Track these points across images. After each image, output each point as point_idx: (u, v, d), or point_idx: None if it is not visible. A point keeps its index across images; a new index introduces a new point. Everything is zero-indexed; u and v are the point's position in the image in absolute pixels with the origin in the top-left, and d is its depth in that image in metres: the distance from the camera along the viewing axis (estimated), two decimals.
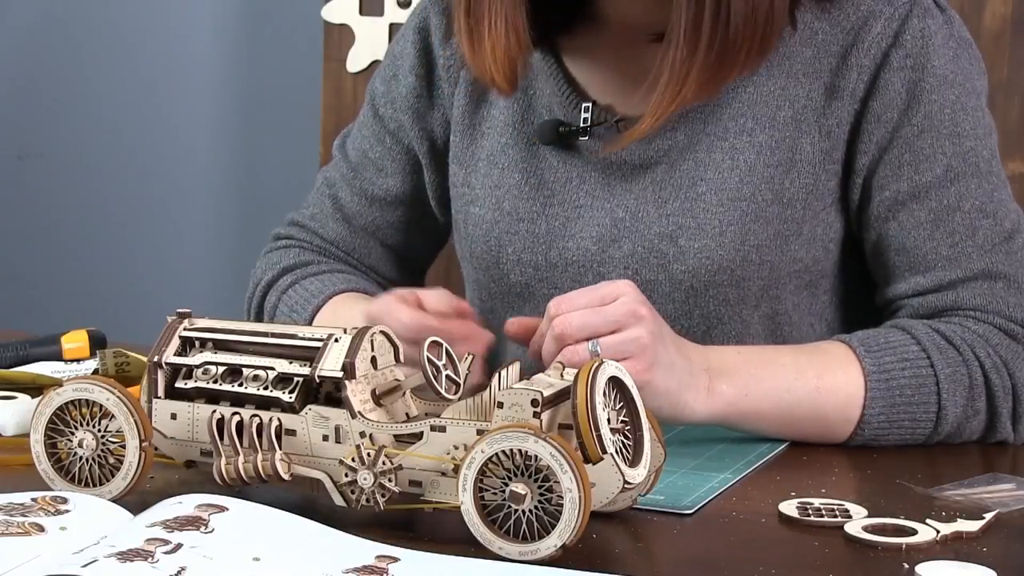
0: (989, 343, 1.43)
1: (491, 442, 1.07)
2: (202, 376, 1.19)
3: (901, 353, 1.42)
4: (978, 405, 1.42)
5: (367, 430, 1.14)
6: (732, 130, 1.50)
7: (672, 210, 1.50)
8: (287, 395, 1.16)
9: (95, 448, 1.18)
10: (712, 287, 1.50)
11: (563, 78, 1.57)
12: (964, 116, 1.49)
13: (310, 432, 1.15)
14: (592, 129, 1.54)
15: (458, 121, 1.62)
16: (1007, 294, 1.46)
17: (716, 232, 1.49)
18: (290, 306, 1.64)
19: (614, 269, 1.52)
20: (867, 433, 1.41)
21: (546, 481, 1.07)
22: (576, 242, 1.54)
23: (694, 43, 1.43)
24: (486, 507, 1.09)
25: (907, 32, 1.48)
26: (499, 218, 1.57)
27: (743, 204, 1.49)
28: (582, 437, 1.08)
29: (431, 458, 1.12)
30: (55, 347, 1.63)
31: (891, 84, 1.48)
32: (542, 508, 1.07)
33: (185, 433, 1.19)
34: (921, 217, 1.48)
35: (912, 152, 1.48)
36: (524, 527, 1.07)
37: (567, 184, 1.55)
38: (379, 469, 1.12)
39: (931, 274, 1.47)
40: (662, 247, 1.50)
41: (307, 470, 1.15)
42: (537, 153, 1.57)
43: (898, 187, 1.48)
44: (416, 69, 1.65)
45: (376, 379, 1.18)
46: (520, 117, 1.59)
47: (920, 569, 1.07)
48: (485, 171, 1.59)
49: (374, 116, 1.69)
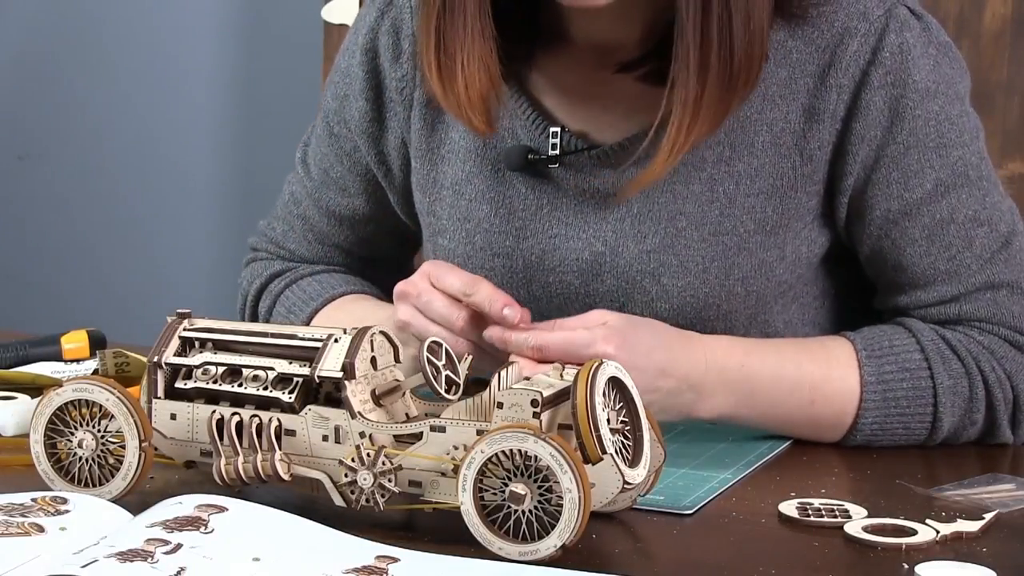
0: (994, 355, 1.43)
1: (491, 442, 1.07)
2: (202, 376, 1.19)
3: (902, 362, 1.41)
4: (976, 417, 1.42)
5: (367, 430, 1.14)
6: (709, 159, 1.46)
7: (652, 246, 1.47)
8: (287, 395, 1.16)
9: (95, 448, 1.18)
10: (698, 323, 1.47)
11: (527, 102, 1.51)
12: (949, 126, 1.45)
13: (310, 432, 1.15)
14: (563, 157, 1.49)
15: (416, 146, 1.57)
16: (1010, 302, 1.45)
17: (699, 269, 1.46)
18: (287, 307, 1.63)
19: (600, 301, 1.49)
20: (858, 438, 1.41)
21: (546, 481, 1.07)
22: (557, 276, 1.50)
23: (703, 80, 1.39)
24: (486, 507, 1.09)
25: (885, 49, 1.43)
26: (472, 253, 1.53)
27: (725, 238, 1.46)
28: (582, 437, 1.08)
29: (431, 458, 1.12)
30: (55, 347, 1.63)
31: (873, 103, 1.44)
32: (542, 508, 1.07)
33: (185, 433, 1.19)
34: (915, 234, 1.45)
35: (900, 170, 1.45)
36: (524, 527, 1.07)
37: (538, 212, 1.51)
38: (379, 469, 1.12)
39: (932, 288, 1.46)
40: (644, 284, 1.47)
41: (307, 470, 1.15)
42: (504, 180, 1.52)
43: (888, 206, 1.45)
44: (366, 92, 1.58)
45: (376, 379, 1.17)
46: (482, 143, 1.52)
47: (920, 569, 1.07)
48: (451, 201, 1.54)
49: (329, 134, 1.63)
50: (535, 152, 1.50)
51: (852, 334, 1.44)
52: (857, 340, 1.42)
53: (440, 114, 1.54)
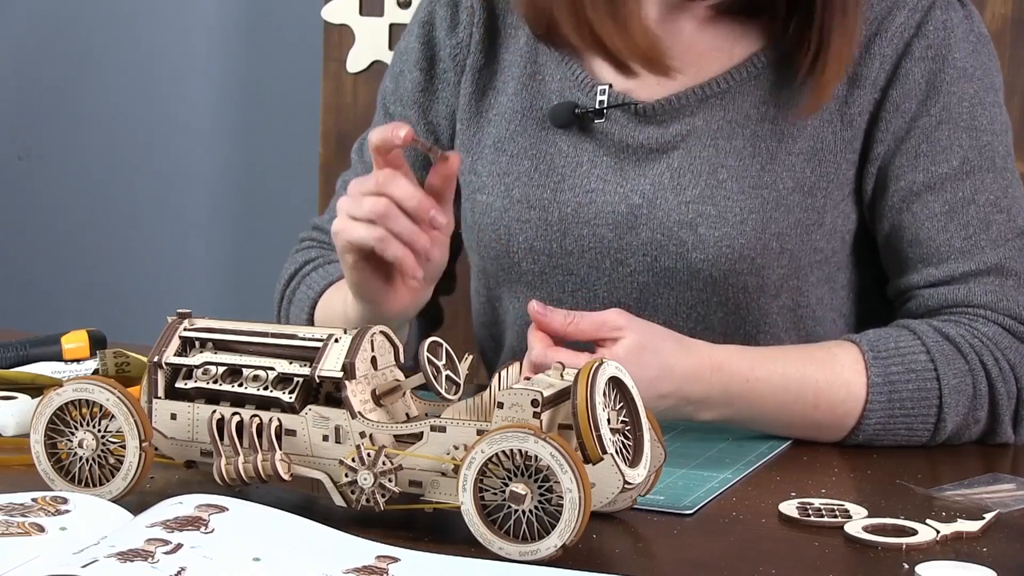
0: (998, 347, 1.44)
1: (491, 442, 1.07)
2: (202, 376, 1.19)
3: (908, 363, 1.42)
4: (979, 415, 1.43)
5: (367, 430, 1.14)
6: (754, 117, 1.50)
7: (691, 197, 1.50)
8: (287, 395, 1.16)
9: (95, 448, 1.18)
10: (732, 275, 1.49)
11: (578, 63, 1.56)
12: (982, 110, 1.49)
13: (310, 432, 1.15)
14: (609, 111, 1.53)
15: (464, 109, 1.62)
16: (1016, 292, 1.46)
17: (737, 220, 1.48)
18: (308, 285, 1.64)
19: (632, 255, 1.51)
20: (860, 437, 1.42)
21: (546, 481, 1.07)
22: (591, 228, 1.53)
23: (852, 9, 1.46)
24: (486, 507, 1.08)
25: (930, 23, 1.49)
26: (508, 206, 1.56)
27: (764, 192, 1.49)
28: (582, 437, 1.08)
29: (431, 458, 1.12)
30: (55, 347, 1.63)
31: (912, 74, 1.48)
32: (542, 508, 1.07)
33: (185, 433, 1.19)
34: (936, 209, 1.48)
35: (929, 143, 1.48)
36: (524, 527, 1.07)
37: (577, 168, 1.54)
38: (379, 469, 1.12)
39: (944, 266, 1.47)
40: (681, 235, 1.49)
41: (307, 470, 1.15)
42: (546, 139, 1.56)
43: (914, 177, 1.48)
44: (420, 63, 1.64)
45: (376, 379, 1.17)
46: (528, 103, 1.58)
47: (920, 569, 1.07)
48: (492, 158, 1.58)
49: (385, 115, 1.68)
50: (582, 107, 1.54)
51: (856, 336, 1.44)
52: (863, 342, 1.43)
53: (491, 79, 1.60)
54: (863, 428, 1.41)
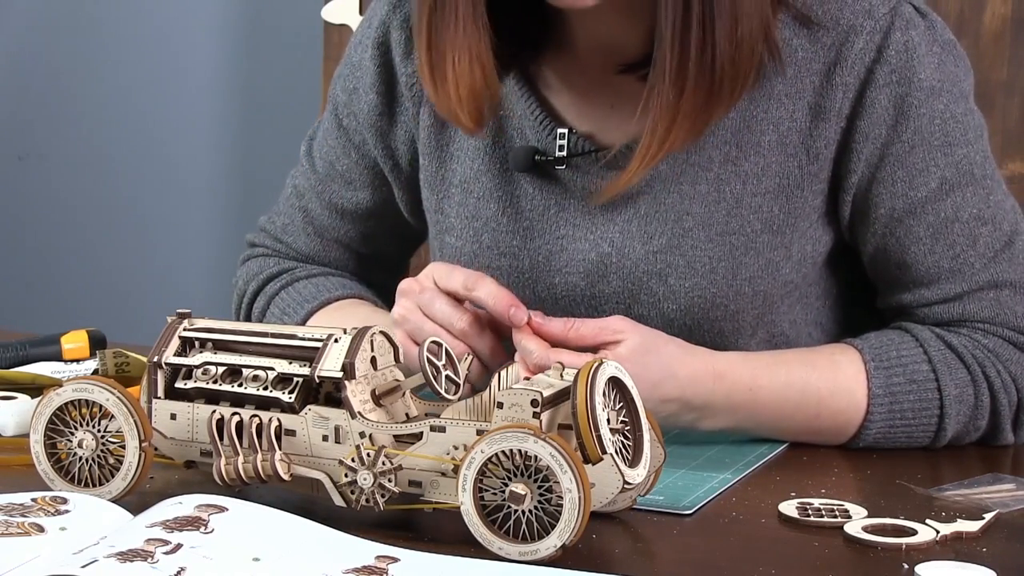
0: (999, 359, 1.43)
1: (491, 442, 1.07)
2: (202, 376, 1.19)
3: (911, 373, 1.41)
4: (980, 423, 1.43)
5: (367, 430, 1.14)
6: (716, 159, 1.45)
7: (659, 247, 1.46)
8: (287, 395, 1.16)
9: (95, 448, 1.18)
10: (706, 322, 1.47)
11: (535, 102, 1.50)
12: (954, 124, 1.45)
13: (310, 432, 1.15)
14: (570, 159, 1.49)
15: (425, 143, 1.56)
16: (1013, 302, 1.45)
17: (707, 270, 1.46)
18: (282, 308, 1.62)
19: (606, 303, 1.49)
20: (860, 444, 1.41)
21: (546, 481, 1.07)
22: (563, 277, 1.50)
23: (679, 87, 1.37)
24: (486, 507, 1.08)
25: (890, 47, 1.43)
26: (479, 251, 1.53)
27: (732, 238, 1.46)
28: (582, 437, 1.08)
29: (431, 458, 1.12)
30: (55, 347, 1.63)
31: (878, 102, 1.43)
32: (542, 508, 1.07)
33: (185, 433, 1.19)
34: (920, 233, 1.45)
35: (905, 168, 1.44)
36: (524, 527, 1.07)
37: (545, 213, 1.51)
38: (379, 469, 1.12)
39: (935, 287, 1.45)
40: (651, 285, 1.47)
41: (307, 470, 1.15)
42: (512, 180, 1.52)
43: (893, 204, 1.45)
44: (377, 86, 1.58)
45: (376, 379, 1.17)
46: (491, 140, 1.52)
47: (920, 569, 1.07)
48: (460, 199, 1.54)
49: (338, 126, 1.63)
50: (542, 153, 1.50)
51: (859, 342, 1.43)
52: (865, 350, 1.42)
53: None
54: (863, 436, 1.41)
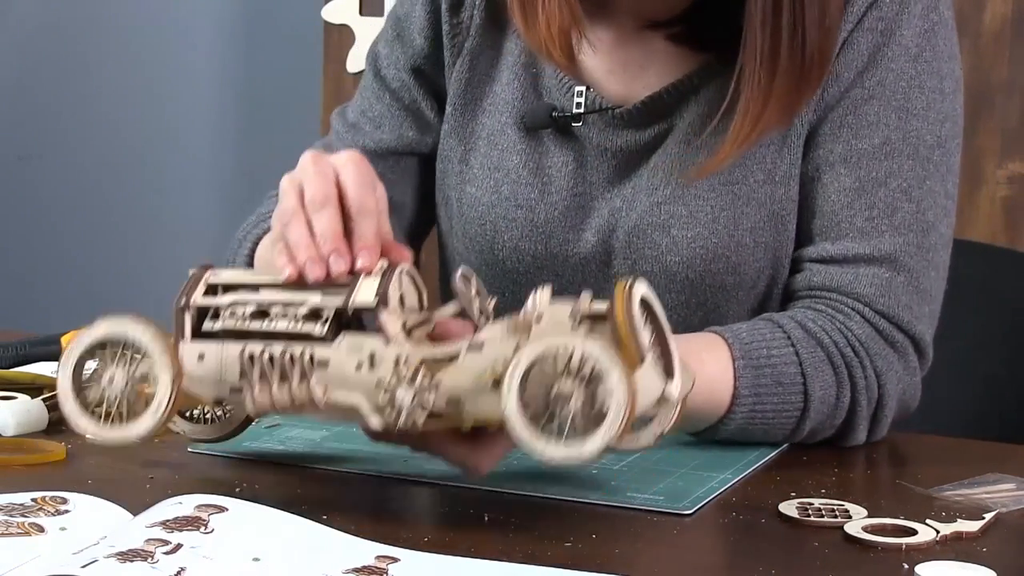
0: (868, 353, 1.41)
1: (537, 344, 1.06)
2: (229, 318, 1.16)
3: (778, 375, 1.38)
4: (836, 422, 1.40)
5: (403, 353, 1.11)
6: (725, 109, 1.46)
7: (663, 197, 1.48)
8: (319, 327, 1.13)
9: (123, 387, 1.15)
10: (708, 276, 1.47)
11: None
12: (918, 94, 1.45)
13: (344, 361, 1.12)
14: (587, 116, 1.52)
15: (456, 94, 1.59)
16: (902, 292, 1.43)
17: (709, 219, 1.47)
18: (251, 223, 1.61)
19: (615, 259, 1.50)
20: (712, 438, 1.38)
21: (590, 385, 1.05)
22: (576, 233, 1.52)
23: (771, 71, 1.40)
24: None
25: None
26: (496, 202, 1.55)
27: (735, 188, 1.47)
28: (623, 340, 1.07)
29: (471, 373, 1.09)
30: (55, 347, 1.63)
31: (856, 43, 1.45)
32: (585, 415, 1.05)
33: (214, 373, 1.16)
34: (846, 183, 1.45)
35: (856, 115, 1.45)
36: (567, 434, 1.05)
37: (563, 170, 1.53)
38: (418, 385, 1.10)
39: (839, 243, 1.45)
40: (655, 237, 1.48)
41: (345, 393, 1.12)
42: (537, 136, 1.55)
43: (832, 147, 1.46)
44: (425, 31, 1.60)
45: (405, 315, 1.15)
46: (521, 96, 1.56)
47: (920, 569, 1.07)
48: (485, 151, 1.56)
49: (375, 77, 1.64)
50: (559, 110, 1.53)
51: (729, 335, 1.40)
52: (735, 345, 1.39)
53: (488, 67, 1.58)
54: (719, 431, 1.38)
